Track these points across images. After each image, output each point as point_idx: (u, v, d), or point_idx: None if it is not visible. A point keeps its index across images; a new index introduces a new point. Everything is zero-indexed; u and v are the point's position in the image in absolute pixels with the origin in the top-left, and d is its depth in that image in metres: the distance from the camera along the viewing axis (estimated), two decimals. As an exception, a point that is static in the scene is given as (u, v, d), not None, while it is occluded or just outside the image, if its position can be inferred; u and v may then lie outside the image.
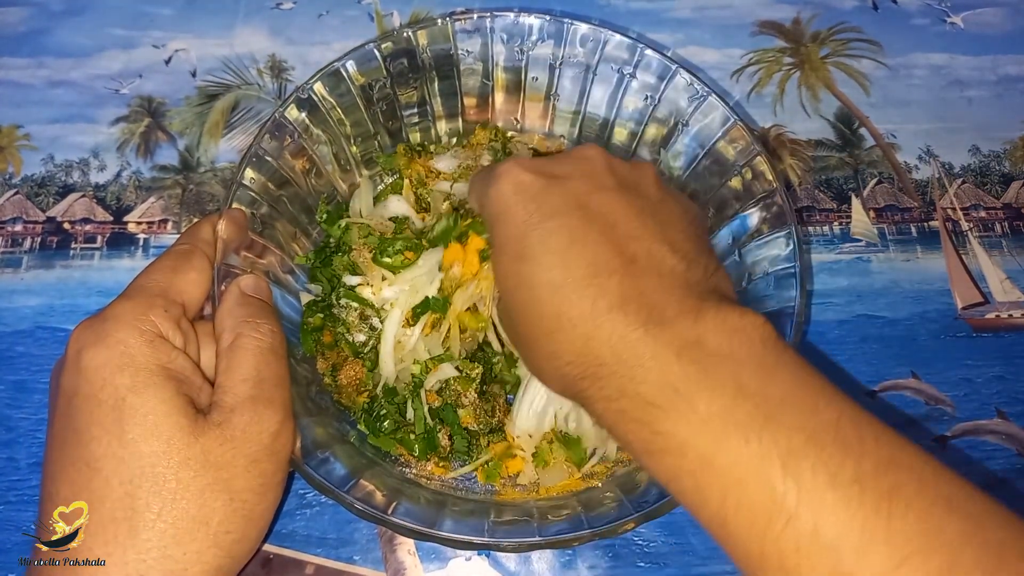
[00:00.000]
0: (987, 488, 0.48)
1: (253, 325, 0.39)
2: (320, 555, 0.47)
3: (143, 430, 0.34)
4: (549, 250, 0.34)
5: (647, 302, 0.33)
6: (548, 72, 0.52)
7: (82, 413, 0.35)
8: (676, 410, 0.30)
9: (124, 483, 0.34)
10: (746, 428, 0.29)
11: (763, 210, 0.46)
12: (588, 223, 0.35)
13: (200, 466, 0.35)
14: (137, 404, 0.35)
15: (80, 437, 0.35)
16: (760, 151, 0.46)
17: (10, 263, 0.56)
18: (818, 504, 0.27)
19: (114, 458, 0.34)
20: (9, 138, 0.61)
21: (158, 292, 0.39)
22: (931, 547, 0.27)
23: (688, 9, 0.69)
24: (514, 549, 0.38)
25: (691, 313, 0.32)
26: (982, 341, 0.56)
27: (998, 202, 0.62)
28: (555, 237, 0.34)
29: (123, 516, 0.34)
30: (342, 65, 0.48)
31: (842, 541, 0.27)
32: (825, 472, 0.28)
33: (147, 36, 0.65)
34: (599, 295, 0.33)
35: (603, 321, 0.32)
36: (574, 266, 0.34)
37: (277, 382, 0.39)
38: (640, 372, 0.31)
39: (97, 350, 0.36)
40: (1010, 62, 0.67)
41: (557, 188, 0.36)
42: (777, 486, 0.28)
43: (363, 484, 0.39)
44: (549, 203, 0.36)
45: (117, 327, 0.36)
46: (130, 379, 0.35)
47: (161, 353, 0.37)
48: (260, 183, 0.45)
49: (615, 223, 0.35)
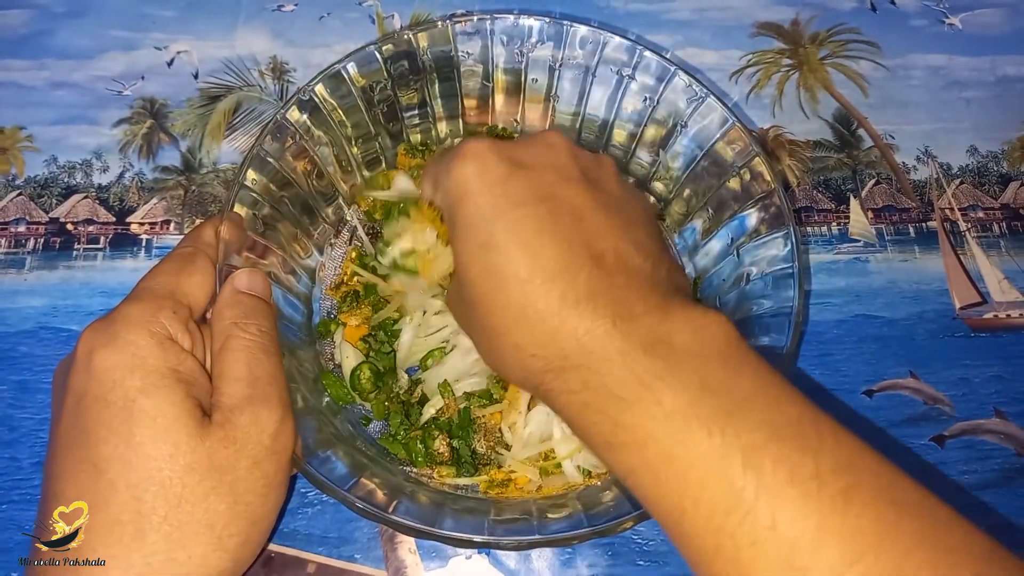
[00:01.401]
0: (986, 488, 0.49)
1: (242, 326, 0.39)
2: (321, 554, 0.47)
3: (152, 432, 0.34)
4: (517, 240, 0.34)
5: (615, 298, 0.33)
6: (548, 74, 0.52)
7: (91, 414, 0.35)
8: (640, 403, 0.30)
9: (131, 486, 0.34)
10: (709, 422, 0.29)
11: (761, 211, 0.46)
12: (556, 216, 0.35)
13: (205, 470, 0.35)
14: (147, 406, 0.35)
15: (88, 438, 0.35)
16: (758, 152, 0.46)
17: (13, 264, 0.56)
18: (777, 498, 0.27)
19: (121, 460, 0.34)
20: (12, 140, 0.61)
21: (165, 294, 0.39)
22: (884, 546, 0.27)
23: (687, 11, 0.69)
24: (514, 547, 0.38)
25: (658, 311, 0.32)
26: (980, 341, 0.56)
27: (996, 202, 0.62)
28: (523, 227, 0.34)
29: (128, 519, 0.34)
30: (343, 67, 0.48)
31: (799, 535, 0.27)
32: (785, 468, 0.28)
33: (149, 38, 0.65)
34: (568, 289, 0.33)
35: (570, 315, 0.32)
36: (543, 258, 0.33)
37: (271, 380, 0.39)
38: (606, 365, 0.31)
39: (108, 351, 0.36)
40: (1008, 63, 0.68)
41: (524, 176, 0.36)
42: (736, 480, 0.28)
43: (364, 483, 0.39)
44: (516, 191, 0.35)
45: (127, 329, 0.36)
46: (141, 381, 0.35)
47: (171, 355, 0.37)
48: (262, 184, 0.45)
49: (582, 217, 0.35)
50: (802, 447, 0.28)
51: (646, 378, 0.30)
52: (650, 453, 0.30)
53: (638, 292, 0.33)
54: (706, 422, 0.29)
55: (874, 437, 0.51)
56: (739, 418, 0.29)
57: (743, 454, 0.28)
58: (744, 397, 0.30)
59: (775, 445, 0.28)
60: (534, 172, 0.36)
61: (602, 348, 0.31)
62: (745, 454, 0.28)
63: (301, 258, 0.49)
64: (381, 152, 0.54)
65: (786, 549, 0.27)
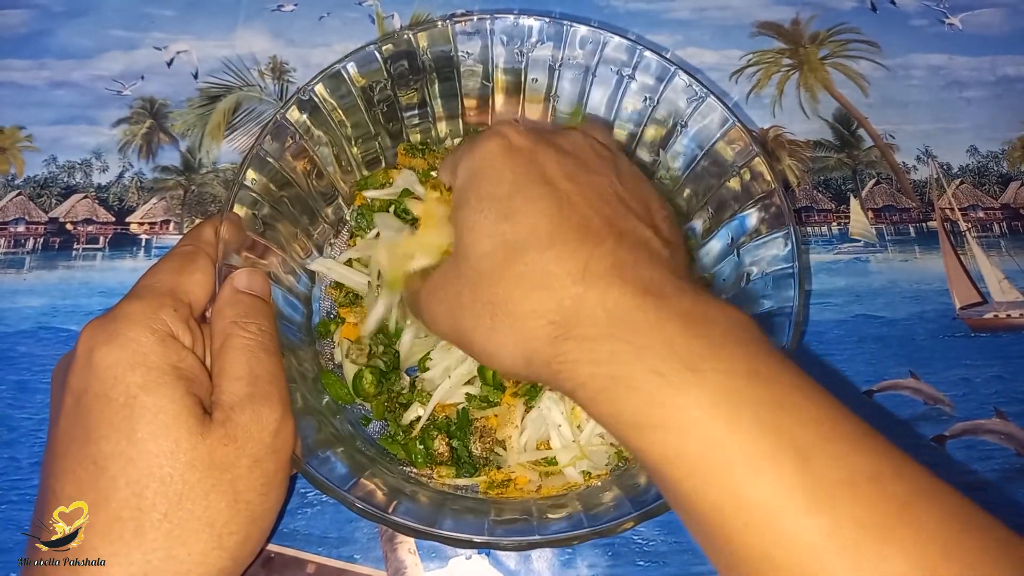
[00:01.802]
0: (986, 488, 0.49)
1: (242, 325, 0.39)
2: (321, 554, 0.47)
3: (153, 429, 0.34)
4: (540, 211, 0.33)
5: (641, 275, 0.31)
6: (548, 74, 0.52)
7: (92, 411, 0.35)
8: (684, 384, 0.28)
9: (131, 483, 0.34)
10: (760, 415, 0.27)
11: (761, 211, 0.46)
12: (575, 193, 0.34)
13: (206, 467, 0.35)
14: (149, 403, 0.35)
15: (89, 435, 0.35)
16: (758, 152, 0.46)
17: (13, 264, 0.56)
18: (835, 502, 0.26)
19: (122, 457, 0.34)
20: (11, 139, 0.61)
21: (166, 292, 0.39)
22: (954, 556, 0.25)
23: (687, 10, 0.69)
24: (514, 548, 0.38)
25: (689, 292, 0.31)
26: (980, 341, 0.56)
27: (996, 202, 0.62)
28: (546, 201, 0.34)
29: (129, 516, 0.34)
30: (343, 67, 0.48)
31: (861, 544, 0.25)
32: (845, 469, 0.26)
33: (148, 38, 0.65)
34: (591, 258, 0.31)
35: (597, 281, 0.31)
36: (565, 228, 0.33)
37: (271, 378, 0.38)
38: (642, 338, 0.29)
39: (109, 348, 0.35)
40: (1008, 63, 0.68)
41: (549, 155, 0.36)
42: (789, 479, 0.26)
43: (364, 483, 0.39)
44: (541, 168, 0.35)
45: (129, 326, 0.36)
46: (142, 378, 0.35)
47: (172, 352, 0.37)
48: (262, 184, 0.45)
49: (605, 199, 0.35)
50: (855, 448, 0.27)
51: (689, 357, 0.28)
52: (691, 441, 0.28)
53: (663, 273, 0.32)
54: (756, 414, 0.27)
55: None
56: (789, 411, 0.27)
57: (796, 452, 0.26)
58: (792, 388, 0.28)
59: (826, 443, 0.27)
60: (560, 154, 0.36)
61: (634, 320, 0.30)
62: (798, 453, 0.26)
63: (301, 258, 0.49)
64: (381, 152, 0.54)
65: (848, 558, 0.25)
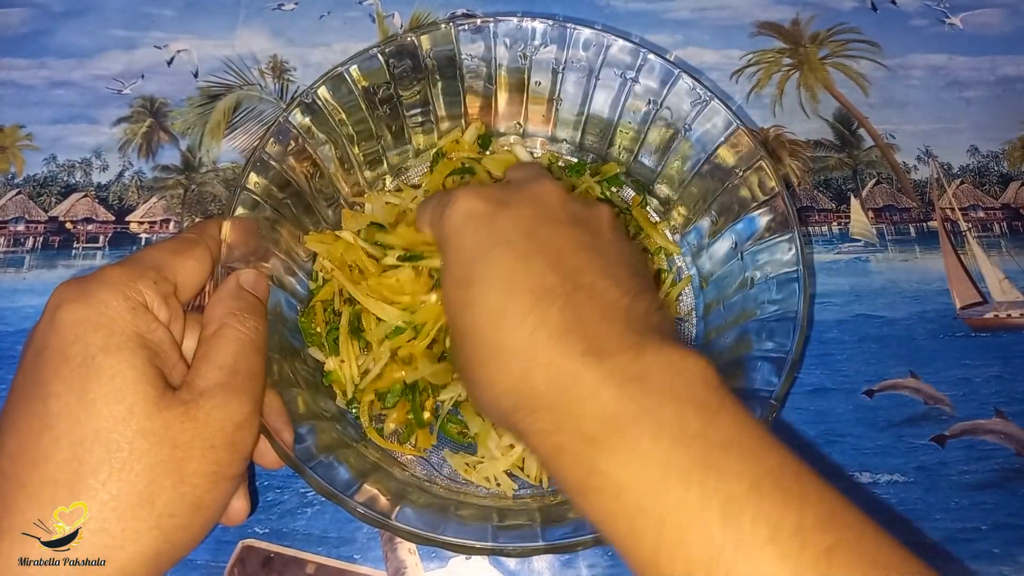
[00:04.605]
0: (986, 488, 0.49)
1: (240, 318, 0.39)
2: (321, 554, 0.47)
3: (106, 392, 0.33)
4: (494, 276, 0.34)
5: (588, 332, 0.32)
6: (551, 76, 0.52)
7: (47, 368, 0.33)
8: (615, 450, 0.29)
9: (74, 444, 0.32)
10: (687, 473, 0.28)
11: (765, 214, 0.46)
12: (534, 251, 0.35)
13: (157, 440, 0.33)
14: (105, 365, 0.33)
15: (39, 391, 0.33)
16: (763, 155, 0.46)
17: (12, 263, 0.56)
18: (757, 557, 0.26)
19: (70, 417, 0.32)
20: (11, 138, 0.61)
21: (151, 265, 0.38)
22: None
23: (687, 10, 0.69)
24: (518, 554, 0.38)
25: (633, 348, 0.31)
26: (980, 341, 0.56)
27: (996, 202, 0.62)
28: (501, 263, 0.35)
29: (65, 479, 0.32)
30: (346, 70, 0.48)
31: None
32: (766, 524, 0.27)
33: (149, 37, 0.65)
34: (539, 323, 0.32)
35: (541, 350, 0.32)
36: (516, 291, 0.33)
37: (251, 376, 0.38)
38: (579, 406, 0.30)
39: (76, 306, 0.34)
40: (1009, 63, 0.68)
41: (508, 215, 0.37)
42: (716, 536, 0.27)
43: (366, 488, 0.39)
44: (499, 229, 0.36)
45: (101, 288, 0.35)
46: (103, 339, 0.34)
47: (141, 321, 0.35)
48: (263, 187, 0.45)
49: (562, 253, 0.35)
50: (783, 501, 0.28)
51: (620, 421, 0.30)
52: (625, 502, 0.29)
53: (612, 327, 0.33)
54: (684, 473, 0.28)
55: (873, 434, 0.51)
56: (718, 469, 0.28)
57: (722, 508, 0.27)
58: (723, 445, 0.29)
59: (755, 498, 0.27)
60: (519, 212, 0.37)
61: (573, 385, 0.31)
62: (724, 508, 0.27)
63: (303, 260, 0.49)
64: (383, 152, 0.54)
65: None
